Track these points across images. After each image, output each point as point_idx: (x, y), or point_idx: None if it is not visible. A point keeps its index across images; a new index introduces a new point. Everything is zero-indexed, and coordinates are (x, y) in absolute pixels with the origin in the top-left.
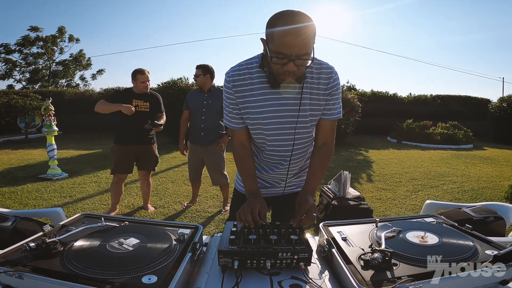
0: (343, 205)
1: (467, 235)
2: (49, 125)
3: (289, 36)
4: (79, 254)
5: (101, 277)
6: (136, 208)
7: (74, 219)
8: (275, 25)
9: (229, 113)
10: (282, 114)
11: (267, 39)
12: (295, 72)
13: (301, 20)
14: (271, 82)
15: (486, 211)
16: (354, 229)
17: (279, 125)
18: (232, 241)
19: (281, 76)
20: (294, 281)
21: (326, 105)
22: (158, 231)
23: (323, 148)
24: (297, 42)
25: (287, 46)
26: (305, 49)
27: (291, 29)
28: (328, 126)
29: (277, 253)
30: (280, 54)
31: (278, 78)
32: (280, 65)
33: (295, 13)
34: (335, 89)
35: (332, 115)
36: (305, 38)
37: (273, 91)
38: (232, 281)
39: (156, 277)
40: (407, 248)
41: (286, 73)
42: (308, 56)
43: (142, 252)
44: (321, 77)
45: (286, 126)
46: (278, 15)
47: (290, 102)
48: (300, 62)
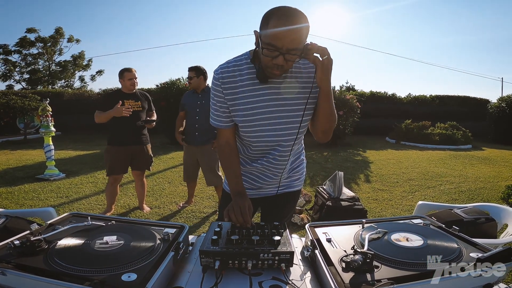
0: (338, 205)
1: (453, 237)
2: (46, 126)
3: (283, 28)
4: (62, 252)
5: (81, 274)
6: (132, 208)
7: (62, 218)
8: (271, 17)
9: (216, 111)
10: (272, 109)
11: (260, 31)
12: (284, 66)
13: (297, 16)
14: (260, 76)
15: (477, 212)
16: (340, 230)
17: (269, 120)
18: (214, 241)
19: (269, 70)
20: (275, 282)
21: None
22: (143, 231)
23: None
24: (289, 35)
25: (279, 38)
26: (296, 44)
27: (286, 22)
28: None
29: (259, 253)
30: (272, 46)
31: (267, 72)
32: (270, 57)
33: (293, 9)
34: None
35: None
36: (298, 33)
37: (263, 86)
38: (212, 281)
39: (136, 275)
40: (390, 250)
41: (274, 67)
42: (298, 52)
43: (125, 251)
44: (310, 70)
45: (276, 121)
46: (276, 8)
47: (280, 97)
48: (290, 57)
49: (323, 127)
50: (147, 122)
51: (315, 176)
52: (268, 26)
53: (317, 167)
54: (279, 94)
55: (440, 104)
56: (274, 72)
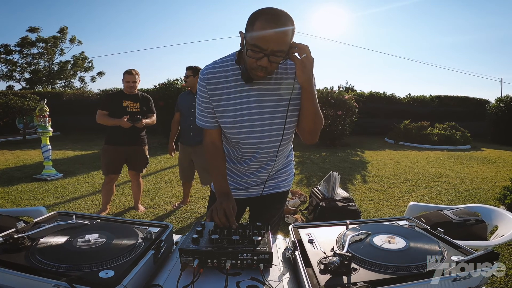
0: (331, 206)
1: (437, 240)
2: (43, 126)
3: (269, 30)
4: (43, 249)
5: (60, 271)
6: (127, 208)
7: (48, 217)
8: (257, 18)
9: (201, 112)
10: (257, 110)
11: (246, 32)
12: (268, 68)
13: (283, 17)
14: (245, 77)
15: (467, 214)
16: (324, 231)
17: (255, 122)
18: (195, 240)
19: (254, 71)
20: (253, 282)
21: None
22: (126, 229)
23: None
24: (275, 37)
25: (265, 40)
26: (281, 46)
27: (271, 24)
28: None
29: (238, 253)
30: (256, 48)
31: (251, 73)
32: (255, 59)
33: (279, 10)
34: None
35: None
36: (283, 35)
37: (248, 87)
38: (190, 279)
39: (113, 272)
40: (369, 252)
41: (259, 68)
42: (283, 54)
43: (105, 249)
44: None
45: (262, 122)
46: (262, 9)
47: (266, 99)
48: (274, 58)
49: (309, 128)
50: (134, 120)
51: (312, 176)
52: (254, 27)
53: (314, 167)
54: (264, 96)
55: (440, 105)
56: (258, 74)
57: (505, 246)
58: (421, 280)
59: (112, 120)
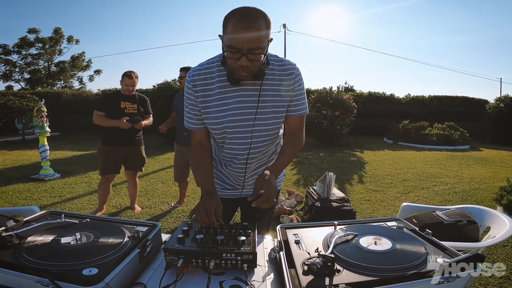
0: (326, 206)
1: (424, 241)
2: (41, 126)
3: (239, 29)
4: (30, 247)
5: (44, 268)
6: (123, 208)
7: (38, 216)
8: (228, 20)
9: (188, 113)
10: (242, 111)
11: (222, 34)
12: (249, 67)
13: (252, 14)
14: (231, 79)
15: (459, 215)
16: (312, 232)
17: (239, 123)
18: (180, 239)
19: (236, 72)
20: (236, 282)
21: (291, 101)
22: (113, 228)
23: (292, 140)
24: (247, 35)
25: (237, 40)
26: (257, 43)
27: (241, 23)
28: (295, 122)
29: (221, 253)
30: (232, 48)
31: (235, 74)
32: (234, 60)
33: (248, 8)
34: (297, 84)
35: (299, 111)
36: (255, 32)
37: (233, 89)
38: (174, 278)
39: (97, 269)
40: (354, 253)
41: (240, 68)
42: (261, 51)
43: (91, 247)
44: (283, 74)
45: (245, 123)
46: (233, 10)
47: (250, 100)
48: (253, 56)
49: None
50: (134, 122)
51: (309, 176)
52: (227, 29)
53: (312, 167)
54: (249, 97)
55: (439, 105)
56: (241, 74)
57: (500, 247)
58: (404, 282)
59: (110, 121)
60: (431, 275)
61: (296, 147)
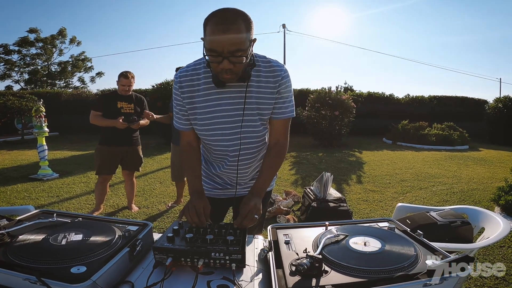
0: (323, 206)
1: (414, 242)
2: (39, 126)
3: (218, 32)
4: (20, 245)
5: (33, 266)
6: (121, 208)
7: (31, 215)
8: (207, 23)
9: (177, 113)
10: (228, 113)
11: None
12: (232, 69)
13: (231, 16)
14: (216, 81)
15: (453, 216)
16: (302, 232)
17: (225, 125)
18: (170, 238)
19: (220, 75)
20: (224, 281)
21: (276, 103)
22: (105, 227)
23: (275, 148)
24: (226, 38)
25: (216, 43)
26: (237, 46)
27: (220, 26)
28: (280, 125)
29: (210, 252)
30: (213, 52)
31: (219, 77)
32: (216, 63)
33: (226, 9)
34: (284, 87)
35: (283, 114)
36: (234, 34)
37: (219, 90)
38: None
39: (86, 267)
40: (343, 254)
41: (223, 71)
42: (243, 53)
43: (81, 246)
44: (269, 75)
45: (232, 125)
46: (211, 13)
47: (236, 101)
48: (235, 59)
49: None
50: (130, 122)
51: (307, 177)
52: (206, 32)
53: (310, 167)
54: (235, 98)
55: (438, 105)
56: (225, 77)
57: (497, 248)
58: (392, 284)
59: (107, 121)
60: (419, 277)
61: (279, 157)
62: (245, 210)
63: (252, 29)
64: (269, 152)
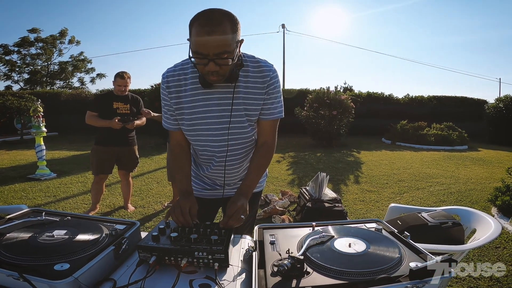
0: (317, 207)
1: (400, 244)
2: (37, 126)
3: (203, 34)
4: (7, 243)
5: (18, 263)
6: (117, 207)
7: (21, 213)
8: (192, 25)
9: (165, 113)
10: (215, 114)
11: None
12: (218, 71)
13: (217, 18)
14: (202, 82)
15: (444, 217)
16: (290, 233)
17: (212, 126)
18: (155, 237)
19: (206, 77)
20: (206, 281)
21: (264, 104)
22: (92, 226)
23: (262, 148)
24: (211, 40)
25: (202, 46)
26: (223, 48)
27: (204, 28)
28: (268, 126)
29: (193, 252)
30: (198, 54)
31: (206, 78)
32: (202, 65)
33: (211, 11)
34: (272, 87)
35: (271, 115)
36: (219, 36)
37: (206, 91)
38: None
39: (69, 265)
40: (326, 256)
41: (209, 73)
42: (229, 55)
43: (66, 243)
44: (257, 76)
45: (220, 126)
46: (196, 14)
47: (223, 102)
48: (221, 61)
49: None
50: (125, 122)
51: (304, 177)
52: (191, 34)
53: (308, 168)
54: (223, 99)
55: (438, 105)
56: (211, 79)
57: (492, 249)
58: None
59: (102, 121)
60: (401, 280)
61: (266, 158)
62: (231, 210)
63: (239, 30)
64: (257, 153)
